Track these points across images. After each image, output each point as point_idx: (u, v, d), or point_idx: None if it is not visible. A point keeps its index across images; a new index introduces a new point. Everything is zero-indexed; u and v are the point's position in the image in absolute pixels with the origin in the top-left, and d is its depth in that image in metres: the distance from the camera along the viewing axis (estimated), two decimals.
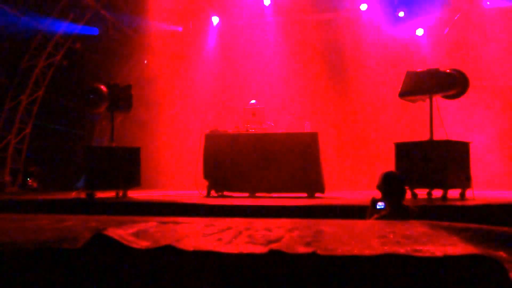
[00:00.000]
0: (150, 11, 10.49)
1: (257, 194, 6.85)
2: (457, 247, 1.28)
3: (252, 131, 7.18)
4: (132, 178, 6.51)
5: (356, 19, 11.10)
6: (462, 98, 6.09)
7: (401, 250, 1.24)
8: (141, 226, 1.77)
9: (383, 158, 7.65)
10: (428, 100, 5.95)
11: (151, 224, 1.85)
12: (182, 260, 1.28)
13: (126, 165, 6.47)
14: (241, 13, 11.29)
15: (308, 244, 1.35)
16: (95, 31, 10.78)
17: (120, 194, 6.44)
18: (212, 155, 7.01)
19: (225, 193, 7.02)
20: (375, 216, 3.26)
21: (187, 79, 12.24)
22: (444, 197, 5.50)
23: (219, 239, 1.45)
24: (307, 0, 10.87)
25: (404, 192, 3.41)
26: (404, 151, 5.91)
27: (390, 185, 3.34)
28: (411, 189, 5.66)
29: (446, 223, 1.76)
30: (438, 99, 6.00)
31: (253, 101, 7.67)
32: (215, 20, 11.92)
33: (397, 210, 3.25)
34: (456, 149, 5.82)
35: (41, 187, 10.73)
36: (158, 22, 10.95)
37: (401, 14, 10.61)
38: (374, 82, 10.81)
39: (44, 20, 9.84)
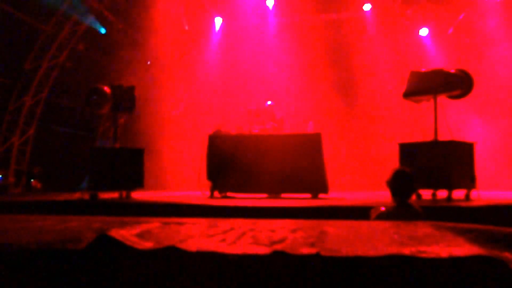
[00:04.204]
0: (154, 11, 10.51)
1: (261, 195, 6.84)
2: (462, 248, 1.27)
3: (255, 132, 7.18)
4: (136, 179, 6.52)
5: (359, 20, 11.10)
6: (467, 98, 6.06)
7: (406, 251, 1.23)
8: (145, 227, 1.76)
9: (387, 159, 7.62)
10: (432, 100, 5.93)
11: (154, 224, 1.85)
12: (186, 261, 1.28)
13: (130, 166, 6.48)
14: (245, 14, 11.30)
15: (312, 245, 1.34)
16: (102, 29, 10.80)
17: (124, 195, 6.45)
18: (216, 156, 7.01)
19: (229, 194, 7.02)
20: (380, 211, 3.24)
21: (190, 80, 12.26)
22: (449, 198, 5.48)
23: (223, 240, 1.45)
24: (311, 1, 10.87)
25: (411, 191, 3.39)
26: (408, 151, 5.89)
27: (398, 182, 3.32)
28: (416, 189, 5.64)
29: (451, 224, 1.75)
30: (442, 99, 5.97)
31: (269, 102, 7.70)
32: (218, 20, 11.93)
33: (402, 208, 3.24)
34: (461, 149, 5.79)
35: (44, 188, 10.76)
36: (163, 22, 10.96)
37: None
38: (378, 82, 10.79)
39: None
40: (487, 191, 6.80)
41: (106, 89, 6.49)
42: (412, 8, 10.61)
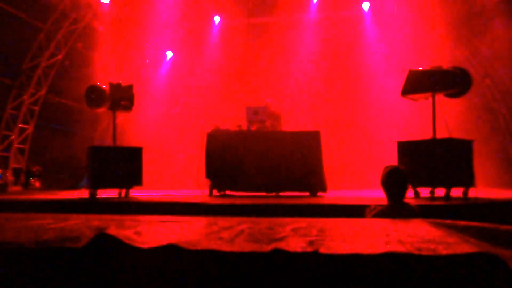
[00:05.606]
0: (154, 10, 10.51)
1: (259, 193, 6.84)
2: (460, 246, 1.27)
3: (254, 129, 7.18)
4: (134, 177, 6.51)
5: (358, 18, 11.09)
6: (465, 96, 6.07)
7: (404, 249, 1.24)
8: (143, 225, 1.77)
9: (385, 157, 7.62)
10: (430, 98, 5.93)
11: (153, 223, 1.85)
12: (185, 259, 1.28)
13: (128, 165, 6.47)
14: (243, 13, 11.30)
15: (310, 243, 1.34)
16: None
17: (123, 193, 6.45)
18: (215, 154, 7.01)
19: (228, 192, 7.01)
20: (374, 211, 3.25)
21: (189, 78, 12.25)
22: (447, 196, 5.48)
23: (222, 238, 1.45)
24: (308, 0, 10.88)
25: (404, 189, 3.40)
26: (406, 149, 5.89)
27: (392, 180, 3.33)
28: (414, 187, 5.64)
29: (449, 222, 1.75)
30: (440, 97, 5.98)
31: (267, 100, 7.70)
32: (217, 19, 11.93)
33: (397, 206, 3.25)
34: (459, 147, 5.79)
35: (43, 186, 10.76)
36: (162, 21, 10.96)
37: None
38: (376, 80, 10.79)
39: None
40: (485, 188, 6.81)
41: (105, 87, 6.48)
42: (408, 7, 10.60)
